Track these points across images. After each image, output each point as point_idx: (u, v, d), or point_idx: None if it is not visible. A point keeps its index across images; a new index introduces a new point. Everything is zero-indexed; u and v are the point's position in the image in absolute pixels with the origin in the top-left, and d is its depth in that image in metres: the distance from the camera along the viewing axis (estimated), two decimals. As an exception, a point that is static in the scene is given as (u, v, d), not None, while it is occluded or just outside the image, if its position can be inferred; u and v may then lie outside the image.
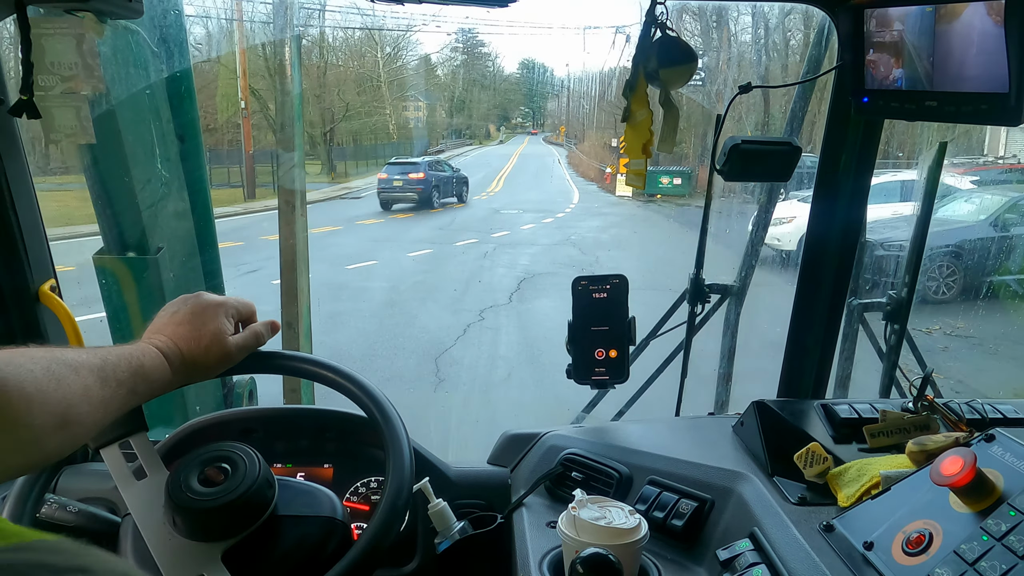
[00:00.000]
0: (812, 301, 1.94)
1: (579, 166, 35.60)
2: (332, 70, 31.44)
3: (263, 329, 1.34)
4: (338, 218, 17.99)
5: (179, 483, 1.16)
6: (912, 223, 2.05)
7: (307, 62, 28.65)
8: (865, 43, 1.55)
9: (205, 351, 1.21)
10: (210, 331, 1.22)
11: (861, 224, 1.89)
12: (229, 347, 1.24)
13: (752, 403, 1.61)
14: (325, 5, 26.39)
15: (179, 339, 1.20)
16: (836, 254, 1.89)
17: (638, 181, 1.75)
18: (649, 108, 1.67)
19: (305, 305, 5.45)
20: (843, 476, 1.33)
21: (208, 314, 1.24)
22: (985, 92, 1.29)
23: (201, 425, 1.54)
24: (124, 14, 1.55)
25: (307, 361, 1.38)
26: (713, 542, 1.36)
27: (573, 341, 1.78)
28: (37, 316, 1.69)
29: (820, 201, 1.87)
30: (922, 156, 9.15)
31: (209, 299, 1.27)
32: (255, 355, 1.39)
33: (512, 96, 66.18)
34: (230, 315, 1.27)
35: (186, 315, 1.23)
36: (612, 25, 48.17)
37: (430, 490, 1.51)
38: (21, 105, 1.45)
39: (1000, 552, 0.98)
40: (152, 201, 2.73)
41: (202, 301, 1.26)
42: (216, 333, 1.23)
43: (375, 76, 34.82)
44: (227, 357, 1.24)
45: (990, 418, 1.48)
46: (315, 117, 29.13)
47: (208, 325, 1.23)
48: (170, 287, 2.84)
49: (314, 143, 28.80)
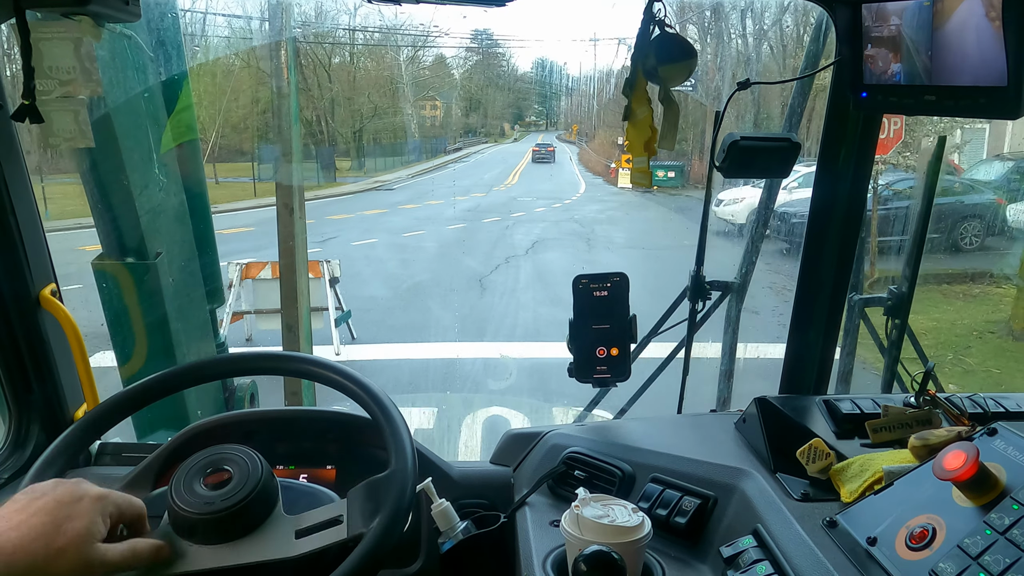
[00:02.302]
0: (813, 297, 1.94)
1: (588, 162, 37.75)
2: (360, 73, 33.89)
3: (145, 550, 1.08)
4: (382, 204, 22.14)
5: (182, 487, 1.16)
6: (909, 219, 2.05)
7: (337, 66, 31.66)
8: (863, 38, 1.55)
9: (56, 556, 0.96)
10: (73, 531, 0.98)
11: (861, 220, 1.89)
12: (92, 557, 1.00)
13: (754, 400, 1.61)
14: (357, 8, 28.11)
15: (24, 533, 0.96)
16: (836, 250, 1.89)
17: (643, 179, 1.75)
18: (649, 106, 1.66)
19: (305, 307, 5.46)
20: (846, 472, 1.33)
21: (78, 509, 1.01)
22: (983, 86, 1.29)
23: (203, 428, 1.54)
24: (121, 18, 1.55)
25: (309, 362, 1.38)
26: (716, 539, 1.36)
27: (574, 339, 1.78)
28: (38, 321, 1.69)
29: (819, 196, 1.86)
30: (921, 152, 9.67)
31: (86, 490, 1.04)
32: (259, 356, 1.39)
33: (526, 95, 66.45)
34: (107, 514, 1.04)
35: (47, 503, 1.00)
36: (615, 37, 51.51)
37: (433, 490, 1.51)
38: (24, 110, 1.45)
39: (1003, 546, 0.98)
40: (151, 205, 2.73)
41: (75, 491, 1.03)
42: (80, 536, 0.99)
43: (397, 78, 36.90)
44: (86, 569, 0.99)
45: (992, 412, 1.48)
46: (346, 117, 32.55)
47: (73, 523, 0.99)
48: (169, 291, 2.85)
49: (345, 142, 32.10)
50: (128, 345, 2.84)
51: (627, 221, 19.18)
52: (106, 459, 1.72)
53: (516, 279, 12.38)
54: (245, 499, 1.14)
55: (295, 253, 5.42)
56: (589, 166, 36.37)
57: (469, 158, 40.49)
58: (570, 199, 23.48)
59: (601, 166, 32.83)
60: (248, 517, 1.15)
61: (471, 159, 40.31)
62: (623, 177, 25.16)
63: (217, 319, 3.29)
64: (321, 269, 8.30)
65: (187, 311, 3.00)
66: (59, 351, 1.74)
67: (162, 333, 2.86)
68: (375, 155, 33.56)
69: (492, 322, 9.84)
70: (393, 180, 28.75)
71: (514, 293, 11.44)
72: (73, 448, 1.31)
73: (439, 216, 18.92)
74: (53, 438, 1.31)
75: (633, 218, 19.86)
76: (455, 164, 38.07)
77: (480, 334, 9.42)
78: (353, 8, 29.16)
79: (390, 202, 22.42)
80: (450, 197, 22.74)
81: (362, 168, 31.60)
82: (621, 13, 20.93)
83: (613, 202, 22.74)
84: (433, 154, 40.01)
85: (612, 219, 19.26)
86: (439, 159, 39.28)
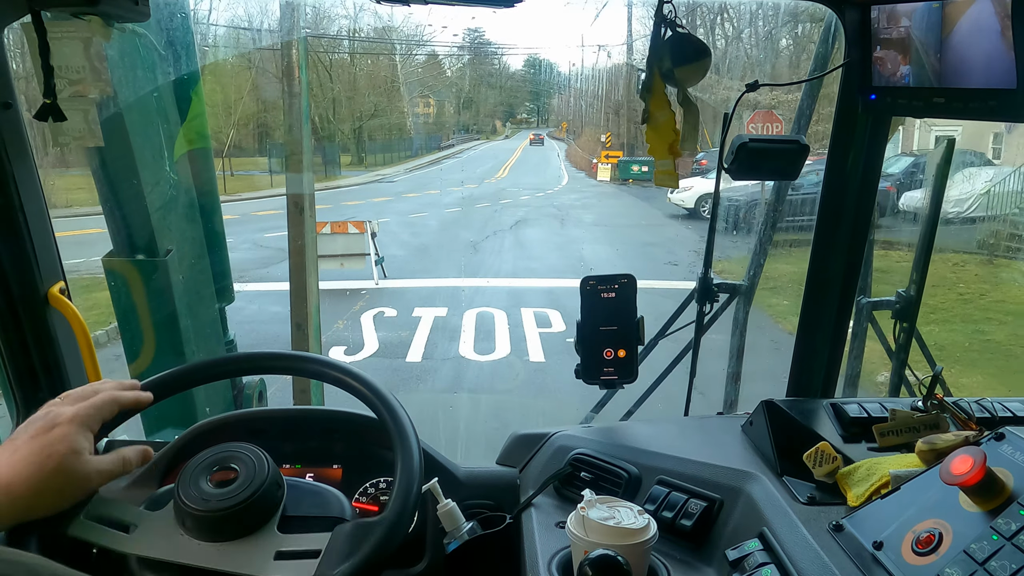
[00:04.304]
0: (821, 300, 1.93)
1: (574, 158, 40.43)
2: (359, 73, 36.45)
3: (133, 456, 1.17)
4: (387, 192, 25.56)
5: (188, 484, 1.16)
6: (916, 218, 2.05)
7: (338, 66, 34.50)
8: (872, 40, 1.55)
9: (51, 475, 1.04)
10: (58, 453, 1.05)
11: (869, 223, 1.88)
12: (86, 470, 1.07)
13: (761, 402, 1.61)
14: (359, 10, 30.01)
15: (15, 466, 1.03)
16: (844, 252, 1.88)
17: (671, 180, 1.73)
18: (670, 108, 1.66)
19: (314, 305, 5.46)
20: (852, 475, 1.32)
21: (57, 434, 1.07)
22: (993, 88, 1.28)
23: (211, 426, 1.54)
24: (131, 17, 1.56)
25: (318, 362, 1.38)
26: (722, 542, 1.36)
27: (582, 341, 1.78)
28: (47, 319, 1.70)
29: (828, 199, 1.86)
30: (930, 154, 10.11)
31: (56, 415, 1.09)
32: (269, 356, 1.39)
33: (517, 93, 66.64)
34: (87, 427, 1.10)
35: (26, 440, 1.06)
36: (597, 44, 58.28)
37: (439, 490, 1.51)
38: (45, 109, 1.45)
39: (1010, 552, 0.97)
40: (161, 203, 2.74)
41: (47, 421, 1.09)
42: (66, 455, 1.06)
43: (393, 77, 39.05)
44: (83, 482, 1.08)
45: (1000, 417, 1.47)
46: (346, 115, 35.28)
47: (56, 447, 1.05)
48: (179, 289, 2.86)
49: (344, 138, 34.91)
50: (137, 342, 2.86)
51: (599, 207, 22.78)
52: None
53: (501, 244, 16.23)
54: (250, 498, 1.15)
55: (305, 252, 5.42)
56: (574, 162, 38.71)
57: (462, 154, 43.68)
58: (552, 190, 27.07)
59: (585, 161, 35.18)
60: (248, 517, 1.16)
61: (464, 155, 43.37)
62: (602, 171, 29.18)
63: (227, 317, 3.30)
64: (365, 227, 11.62)
65: (196, 309, 3.00)
66: (67, 349, 1.75)
67: (171, 331, 2.87)
68: (373, 151, 36.35)
69: (482, 267, 13.92)
70: (392, 174, 31.92)
71: (499, 253, 15.35)
72: None
73: (438, 202, 22.42)
74: None
75: (604, 204, 23.49)
76: (449, 160, 40.62)
77: (474, 273, 13.35)
78: (354, 12, 31.94)
79: (394, 192, 25.75)
80: (446, 188, 26.42)
81: (362, 163, 34.51)
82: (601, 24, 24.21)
83: (590, 192, 26.40)
84: (428, 150, 41.92)
85: (586, 205, 23.05)
86: (434, 155, 41.28)
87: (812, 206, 1.86)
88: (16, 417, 1.76)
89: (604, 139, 34.05)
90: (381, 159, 35.69)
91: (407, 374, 8.35)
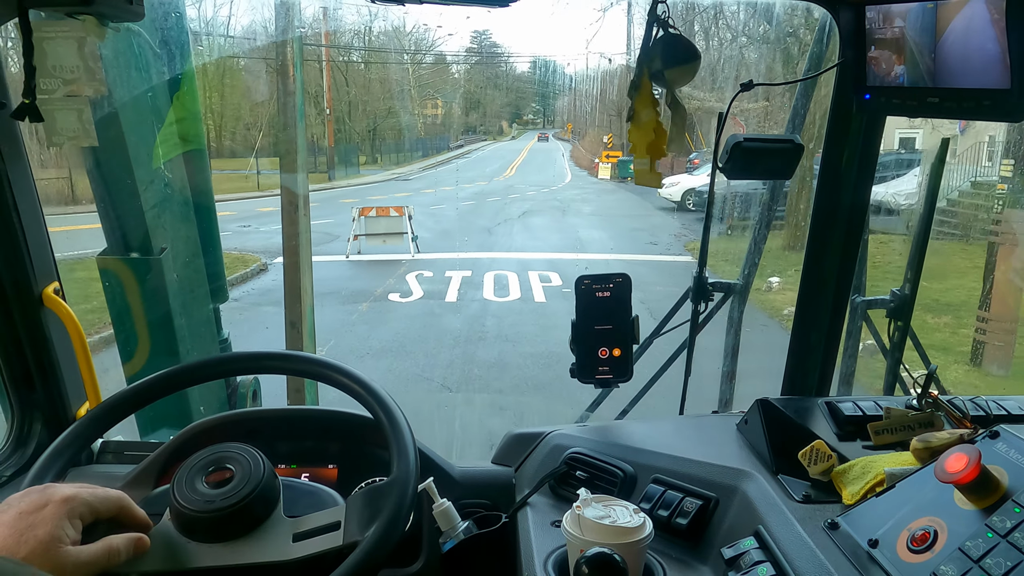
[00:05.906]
0: (816, 298, 1.94)
1: (578, 158, 42.04)
2: (373, 76, 38.41)
3: (122, 545, 1.06)
4: (407, 189, 27.41)
5: (183, 485, 1.16)
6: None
7: (354, 71, 37.72)
8: (867, 40, 1.55)
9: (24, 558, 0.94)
10: (35, 540, 0.96)
11: (864, 222, 1.89)
12: (62, 562, 0.97)
13: (756, 401, 1.61)
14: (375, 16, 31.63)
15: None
16: (839, 251, 1.89)
17: (653, 180, 1.72)
18: (655, 109, 1.66)
19: (309, 305, 5.44)
20: (848, 474, 1.33)
21: (40, 517, 0.98)
22: (987, 88, 1.29)
23: (205, 426, 1.54)
24: (125, 16, 1.55)
25: (313, 362, 1.38)
26: (718, 540, 1.36)
27: (577, 340, 1.78)
28: (41, 319, 1.69)
29: (823, 198, 1.86)
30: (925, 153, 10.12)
31: (51, 495, 1.01)
32: (264, 355, 1.39)
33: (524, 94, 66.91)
34: (77, 515, 1.02)
35: (10, 517, 0.97)
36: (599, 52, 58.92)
37: (435, 490, 1.51)
38: (24, 109, 1.45)
39: (1005, 549, 0.98)
40: (155, 202, 2.73)
41: (39, 499, 1.01)
42: (43, 543, 0.96)
43: (404, 80, 41.32)
44: (58, 572, 0.96)
45: (994, 415, 1.48)
46: (361, 117, 37.63)
47: (34, 531, 0.96)
48: (173, 288, 2.85)
49: (360, 138, 37.44)
50: (131, 342, 2.85)
51: (597, 201, 25.53)
52: (108, 457, 1.72)
53: (511, 229, 18.91)
54: (246, 498, 1.15)
55: (299, 251, 5.39)
56: (578, 161, 40.56)
57: (471, 154, 45.53)
58: (556, 186, 29.40)
59: (588, 161, 37.06)
60: (248, 516, 1.16)
61: (472, 155, 45.24)
62: (603, 170, 31.02)
63: (221, 317, 3.29)
64: (404, 210, 14.85)
65: (191, 308, 3.00)
66: (61, 349, 1.74)
67: (165, 330, 2.86)
68: (386, 151, 38.93)
69: (496, 245, 16.59)
70: (407, 172, 34.18)
71: (510, 235, 17.98)
72: (75, 446, 1.31)
73: (453, 197, 24.62)
74: (55, 436, 1.31)
75: (602, 199, 26.19)
76: (459, 159, 42.26)
77: (490, 249, 16.13)
78: (369, 19, 34.04)
79: (411, 188, 28.07)
80: (459, 185, 28.86)
81: (376, 162, 36.99)
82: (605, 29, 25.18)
83: (591, 189, 29.02)
84: (438, 150, 43.73)
85: (585, 199, 25.77)
86: (444, 155, 43.06)
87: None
88: (10, 417, 1.76)
89: (606, 140, 35.55)
90: (395, 159, 37.80)
91: (448, 308, 11.43)
